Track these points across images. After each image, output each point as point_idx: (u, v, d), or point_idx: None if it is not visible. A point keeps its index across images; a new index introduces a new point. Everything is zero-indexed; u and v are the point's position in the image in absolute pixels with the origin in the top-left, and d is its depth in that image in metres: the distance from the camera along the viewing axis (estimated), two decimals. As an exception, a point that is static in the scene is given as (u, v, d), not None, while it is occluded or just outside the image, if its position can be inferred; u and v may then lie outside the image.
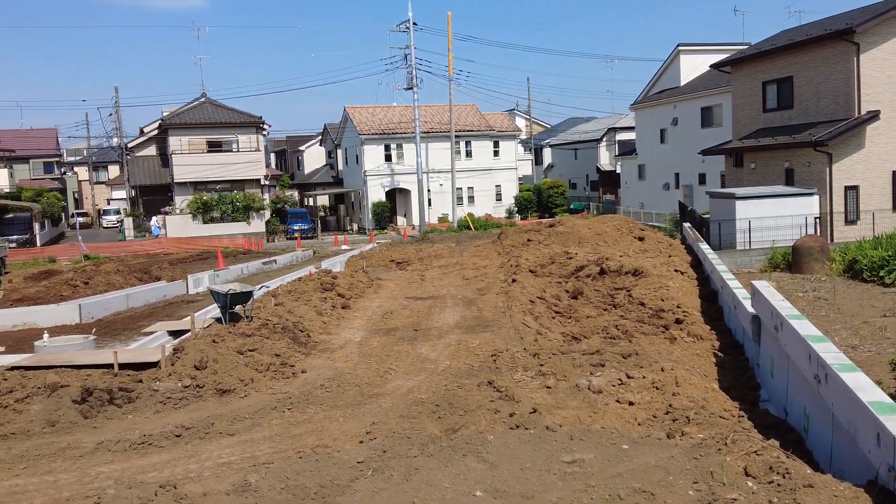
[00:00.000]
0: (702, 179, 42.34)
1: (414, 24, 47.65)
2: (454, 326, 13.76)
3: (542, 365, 9.70)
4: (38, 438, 8.01)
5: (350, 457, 5.51)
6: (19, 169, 71.86)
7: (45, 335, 12.52)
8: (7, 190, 58.54)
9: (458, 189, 51.46)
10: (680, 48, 45.54)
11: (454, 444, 6.10)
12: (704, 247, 20.10)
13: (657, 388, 8.17)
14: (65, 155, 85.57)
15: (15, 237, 45.78)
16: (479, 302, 16.32)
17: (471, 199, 54.61)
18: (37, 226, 50.57)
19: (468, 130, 54.52)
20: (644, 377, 8.45)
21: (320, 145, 66.07)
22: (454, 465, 5.53)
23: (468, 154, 54.74)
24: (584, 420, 7.47)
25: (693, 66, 44.83)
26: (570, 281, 16.93)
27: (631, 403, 7.91)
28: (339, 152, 60.24)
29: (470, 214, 51.04)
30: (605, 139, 61.21)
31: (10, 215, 51.72)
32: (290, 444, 7.40)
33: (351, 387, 9.72)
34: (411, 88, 48.10)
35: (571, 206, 58.04)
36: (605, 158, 61.45)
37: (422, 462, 5.56)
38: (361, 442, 6.96)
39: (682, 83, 45.26)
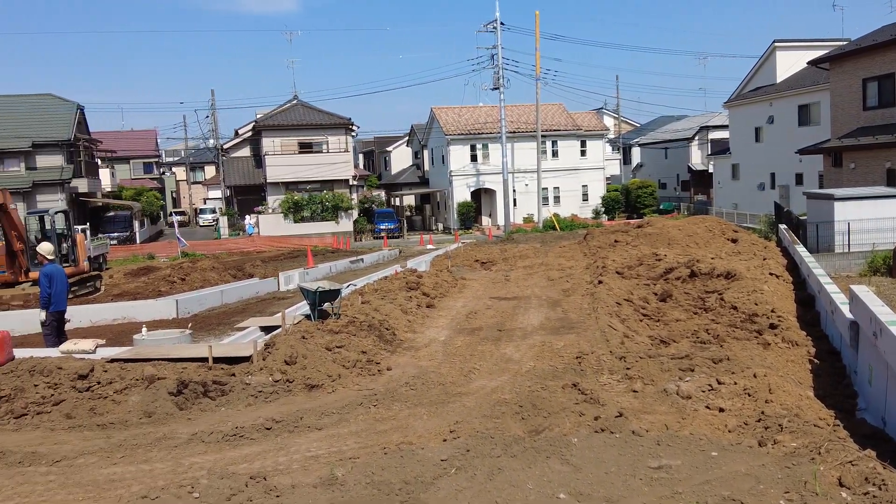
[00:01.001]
0: (799, 180, 40.88)
1: (501, 23, 47.62)
2: (538, 327, 13.68)
3: (628, 368, 9.55)
4: (136, 428, 8.34)
5: (434, 454, 5.56)
6: (120, 169, 75.18)
7: (144, 329, 13.05)
8: (109, 189, 61.32)
9: (543, 189, 51.14)
10: (776, 44, 44.10)
11: (538, 446, 6.08)
12: (801, 249, 19.39)
13: (749, 395, 7.94)
14: (163, 156, 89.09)
15: (116, 235, 47.92)
16: (564, 303, 16.18)
17: (556, 199, 54.21)
18: (136, 224, 52.81)
19: (555, 130, 54.13)
20: (735, 383, 8.22)
21: (407, 146, 66.77)
22: (538, 467, 5.51)
23: (554, 154, 54.35)
24: (672, 426, 7.32)
25: (789, 63, 43.34)
26: (658, 283, 16.61)
27: (721, 410, 7.72)
28: (426, 153, 60.74)
29: (555, 215, 50.68)
30: (696, 138, 59.77)
31: (112, 213, 54.18)
32: (376, 440, 7.50)
33: (435, 385, 9.78)
34: (497, 88, 48.07)
35: (661, 207, 56.90)
36: (696, 158, 60.01)
37: (505, 462, 5.56)
38: (445, 440, 7.01)
39: (779, 80, 43.80)
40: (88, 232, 31.94)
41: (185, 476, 6.43)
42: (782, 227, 25.61)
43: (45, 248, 13.64)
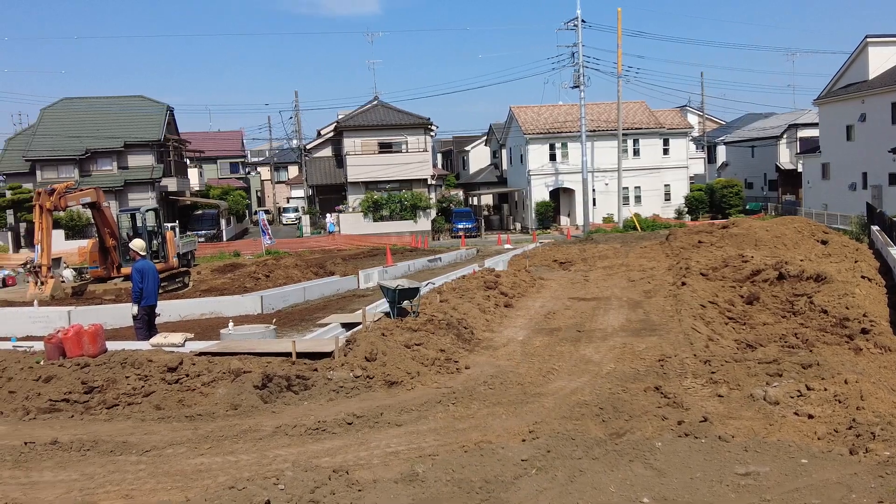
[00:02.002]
0: (892, 180, 39.17)
1: (582, 21, 47.11)
2: (619, 329, 13.49)
3: (713, 372, 9.32)
4: (222, 420, 8.57)
5: (514, 454, 5.53)
6: (208, 169, 77.50)
7: (230, 324, 13.41)
8: (197, 188, 63.32)
9: (624, 188, 50.34)
10: (868, 40, 42.34)
11: (620, 449, 5.99)
12: (895, 252, 18.56)
13: (839, 402, 7.65)
14: (249, 156, 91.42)
15: (203, 232, 49.43)
16: (645, 304, 15.90)
17: (637, 198, 53.30)
18: (223, 222, 54.34)
19: (636, 128, 53.25)
20: (825, 389, 7.93)
21: (485, 145, 66.75)
22: (620, 470, 5.43)
23: (636, 152, 53.46)
24: (759, 432, 7.11)
25: (882, 59, 41.54)
26: (744, 285, 16.15)
27: (810, 416, 7.45)
28: (504, 152, 60.61)
29: (636, 214, 49.83)
30: (784, 136, 57.87)
31: (200, 212, 55.92)
32: (455, 438, 7.52)
33: (513, 385, 9.74)
34: (578, 87, 47.56)
35: (747, 207, 55.31)
36: (784, 156, 58.09)
37: (587, 464, 5.49)
38: (524, 440, 6.97)
39: (871, 77, 42.04)
40: (177, 229, 33.05)
41: (269, 468, 6.57)
42: (875, 228, 24.57)
43: (138, 244, 14.14)
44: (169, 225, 29.07)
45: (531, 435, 7.24)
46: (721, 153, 68.21)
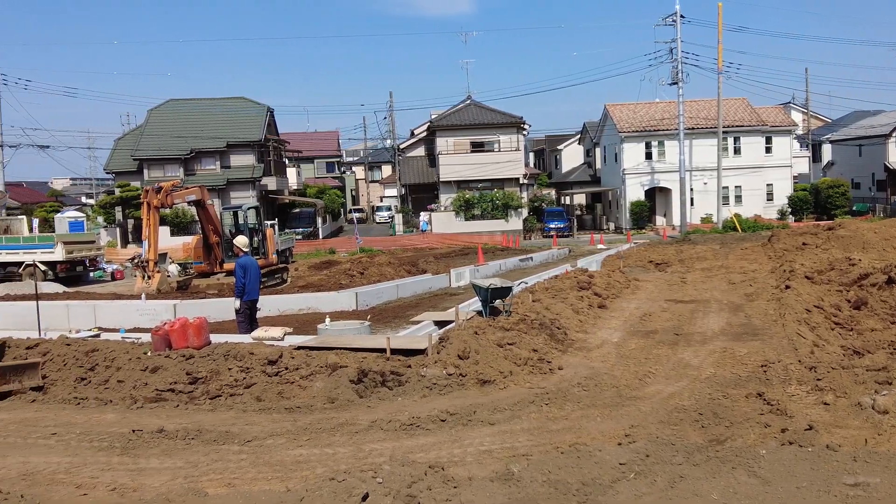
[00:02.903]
0: None
1: (681, 16, 46.04)
2: (719, 332, 13.10)
3: (819, 379, 8.94)
4: (320, 413, 8.76)
5: (612, 457, 5.45)
6: (305, 168, 79.43)
7: (327, 319, 13.68)
8: (295, 187, 64.96)
9: (723, 188, 48.88)
10: None
11: (722, 456, 5.81)
12: None
13: (955, 413, 7.21)
14: (344, 155, 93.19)
15: (301, 230, 50.70)
16: (746, 308, 15.40)
17: (738, 198, 51.66)
18: (319, 220, 55.58)
19: (737, 126, 51.63)
20: (941, 399, 7.49)
21: (578, 144, 66.01)
22: (722, 477, 5.27)
23: (736, 151, 51.85)
24: (868, 441, 6.78)
25: None
26: (851, 289, 15.42)
27: (925, 427, 7.05)
28: (598, 150, 59.81)
29: (736, 215, 48.30)
30: (894, 134, 55.02)
31: (297, 210, 57.36)
32: (548, 439, 7.47)
33: (608, 387, 9.60)
34: (676, 83, 46.49)
35: (854, 208, 52.86)
36: (894, 155, 55.24)
37: (687, 470, 5.36)
38: (620, 444, 6.85)
39: None
40: (276, 227, 34.01)
41: (365, 461, 6.67)
42: None
43: (241, 241, 14.61)
44: (269, 222, 29.93)
45: (627, 439, 7.12)
46: (826, 152, 65.38)
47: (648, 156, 51.79)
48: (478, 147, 53.36)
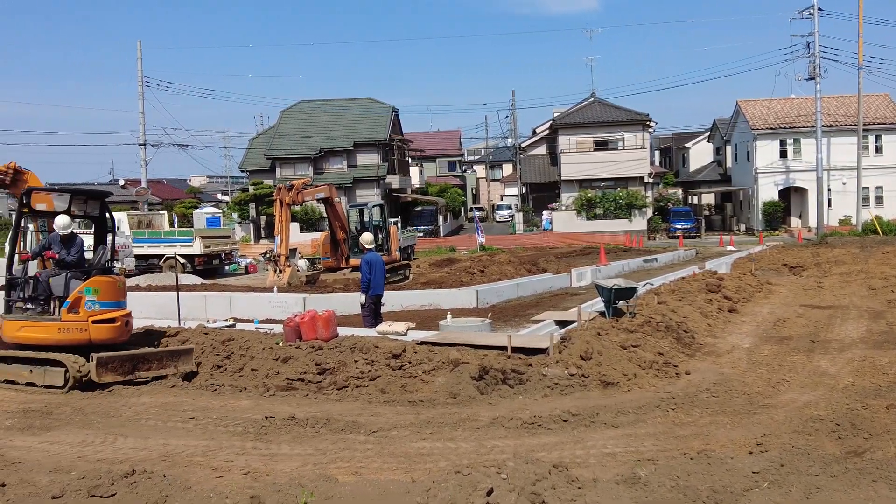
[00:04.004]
0: None
1: (819, 9, 43.74)
2: (858, 340, 12.40)
3: (972, 393, 8.32)
4: (442, 408, 8.86)
5: (743, 465, 5.25)
6: (427, 167, 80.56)
7: (449, 316, 13.82)
8: (417, 185, 65.97)
9: (863, 188, 46.09)
10: None
11: (861, 468, 5.51)
12: None
13: None
14: (465, 154, 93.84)
15: (422, 228, 51.40)
16: (888, 315, 14.51)
17: (879, 199, 48.61)
18: (440, 218, 56.21)
19: (878, 123, 48.58)
20: None
21: (707, 141, 63.81)
22: (862, 490, 4.99)
23: (878, 149, 48.81)
24: None
25: None
26: None
27: None
28: (728, 148, 57.66)
29: (877, 217, 45.45)
30: None
31: (419, 208, 58.21)
32: (675, 445, 7.28)
33: (739, 394, 9.25)
34: (812, 79, 44.22)
35: None
36: None
37: (824, 482, 5.10)
38: (751, 452, 6.60)
39: None
40: (399, 224, 34.65)
41: (488, 457, 6.71)
42: None
43: (367, 237, 14.95)
44: (392, 220, 30.51)
45: (759, 447, 6.85)
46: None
47: (783, 154, 49.51)
48: (601, 145, 52.55)
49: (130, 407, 9.34)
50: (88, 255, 11.56)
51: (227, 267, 32.01)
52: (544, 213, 53.05)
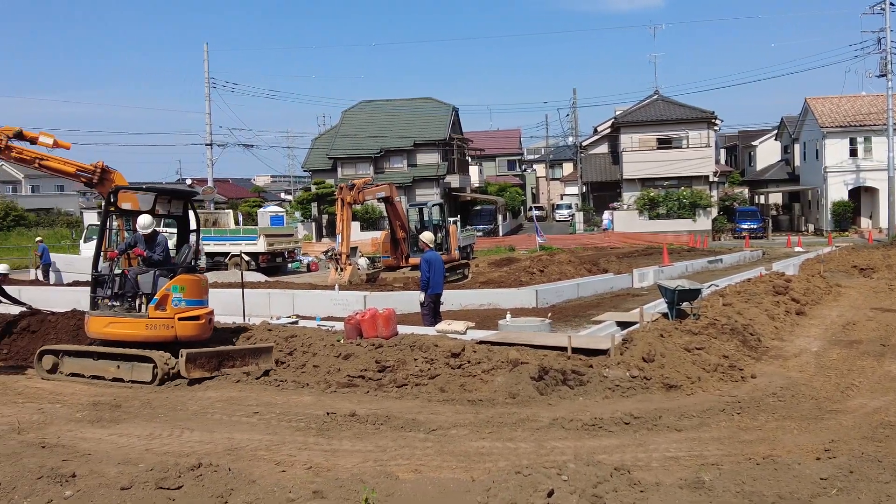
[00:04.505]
0: None
1: (890, 3, 42.27)
2: (932, 345, 11.95)
3: None
4: (501, 407, 8.85)
5: (811, 471, 5.11)
6: (487, 166, 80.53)
7: (508, 315, 13.78)
8: (476, 185, 66.01)
9: (940, 189, 44.35)
10: None
11: (939, 478, 5.30)
12: None
13: None
14: (525, 153, 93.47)
15: (481, 227, 51.39)
16: (965, 319, 13.95)
17: (956, 200, 46.71)
18: (500, 217, 56.11)
19: (956, 120, 46.67)
20: None
21: (775, 140, 62.27)
22: (939, 502, 4.81)
23: (955, 148, 46.89)
24: None
25: None
26: None
27: None
28: (796, 147, 56.18)
29: (954, 218, 43.71)
30: None
31: (478, 207, 58.22)
32: (740, 450, 7.14)
33: (806, 399, 9.01)
34: (884, 76, 42.80)
35: None
36: None
37: (895, 489, 4.93)
38: (819, 458, 6.43)
39: None
40: (459, 224, 34.70)
41: (548, 458, 6.68)
42: None
43: (427, 236, 15.03)
44: (451, 219, 30.58)
45: (827, 453, 6.66)
46: None
47: (853, 153, 48.01)
48: (664, 143, 51.74)
49: (196, 401, 9.56)
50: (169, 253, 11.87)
51: (289, 265, 32.52)
52: (605, 212, 52.50)
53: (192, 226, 11.92)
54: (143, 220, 11.14)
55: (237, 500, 4.97)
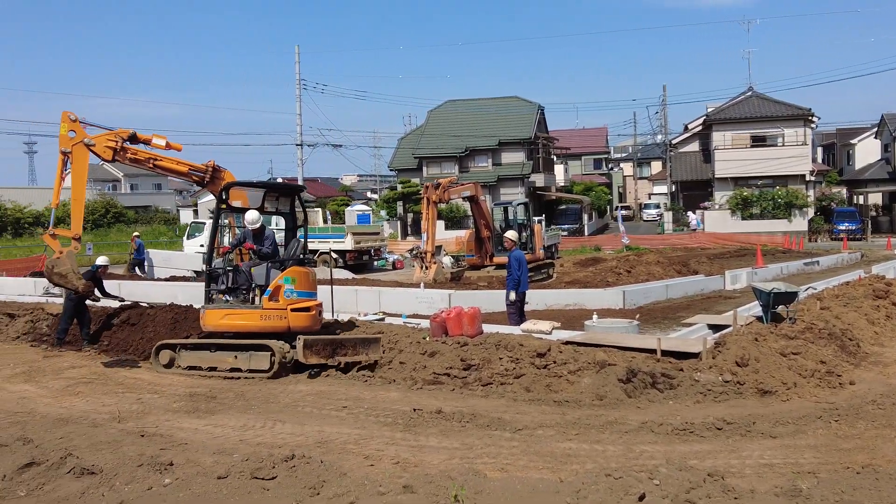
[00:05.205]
0: None
1: None
2: None
3: None
4: (588, 409, 8.77)
5: (916, 483, 4.89)
6: (572, 165, 79.72)
7: (595, 316, 13.63)
8: (561, 184, 65.44)
9: None
10: None
11: None
12: None
13: None
14: (612, 152, 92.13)
15: (566, 226, 50.96)
16: None
17: None
18: (585, 217, 55.51)
19: None
20: None
21: (875, 138, 59.56)
22: None
23: None
24: None
25: None
26: None
27: None
28: (899, 145, 53.64)
29: None
30: None
31: (563, 207, 57.74)
32: (837, 458, 6.88)
33: (907, 407, 8.62)
34: None
35: None
36: None
37: None
38: (923, 470, 6.13)
39: None
40: (543, 223, 34.50)
41: (637, 462, 6.58)
42: None
43: (514, 234, 15.01)
44: (536, 218, 30.43)
45: (932, 465, 6.35)
46: None
47: (963, 150, 45.55)
48: (758, 141, 50.16)
49: (288, 394, 9.82)
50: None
51: (375, 262, 32.99)
52: (689, 213, 51.31)
53: (299, 221, 12.24)
54: (251, 216, 11.48)
55: (329, 491, 5.08)
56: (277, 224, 19.02)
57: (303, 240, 12.05)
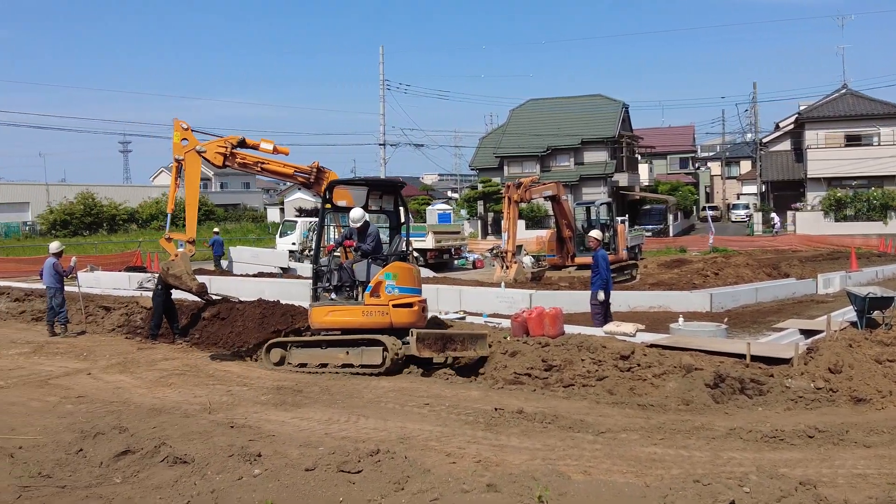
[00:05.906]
0: None
1: None
2: None
3: None
4: (673, 414, 8.61)
5: None
6: (657, 164, 78.23)
7: (681, 318, 13.38)
8: (646, 183, 64.33)
9: None
10: None
11: None
12: None
13: None
14: (699, 150, 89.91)
15: (651, 227, 50.05)
16: None
17: None
18: (670, 217, 54.39)
19: None
20: None
21: (982, 136, 56.49)
22: None
23: None
24: None
25: None
26: None
27: None
28: None
29: None
30: None
31: (648, 207, 56.71)
32: (937, 471, 6.57)
33: None
34: None
35: None
36: None
37: None
38: None
39: None
40: (627, 223, 33.98)
41: (725, 469, 6.44)
42: None
43: (599, 234, 14.87)
44: (619, 219, 30.00)
45: None
46: None
47: None
48: (853, 140, 48.21)
49: (371, 390, 9.97)
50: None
51: (455, 261, 33.12)
52: (773, 214, 49.71)
53: (402, 218, 12.36)
54: (355, 214, 11.68)
55: (413, 487, 5.15)
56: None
57: (406, 236, 12.17)
